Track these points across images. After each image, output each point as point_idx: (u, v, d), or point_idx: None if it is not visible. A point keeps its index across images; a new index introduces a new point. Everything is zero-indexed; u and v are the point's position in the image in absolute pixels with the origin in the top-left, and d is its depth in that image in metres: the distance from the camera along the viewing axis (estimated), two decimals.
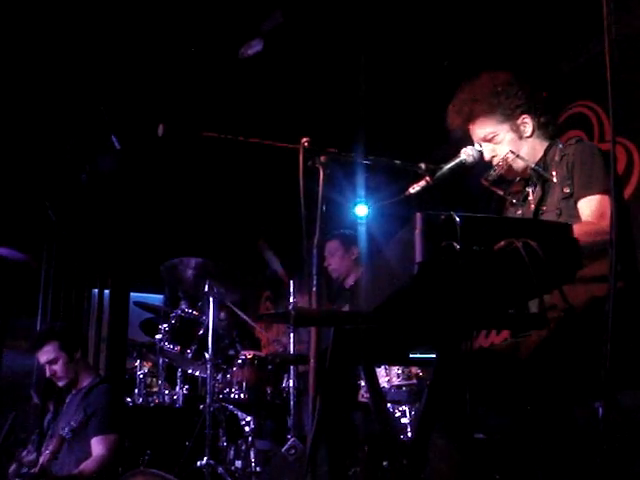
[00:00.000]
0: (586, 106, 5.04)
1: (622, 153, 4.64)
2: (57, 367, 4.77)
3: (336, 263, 5.34)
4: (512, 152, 2.93)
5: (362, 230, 3.15)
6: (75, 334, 5.02)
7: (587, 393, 2.42)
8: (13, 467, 4.76)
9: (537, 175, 2.92)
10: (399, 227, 1.92)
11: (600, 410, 1.73)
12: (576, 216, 2.69)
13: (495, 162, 2.95)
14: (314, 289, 2.54)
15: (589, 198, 2.68)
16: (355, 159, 2.87)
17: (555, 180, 2.83)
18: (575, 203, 2.72)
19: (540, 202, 2.89)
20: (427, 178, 2.86)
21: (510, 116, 2.95)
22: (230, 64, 5.54)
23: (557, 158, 2.87)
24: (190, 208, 7.50)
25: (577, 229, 1.99)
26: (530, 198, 2.95)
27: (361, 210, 3.06)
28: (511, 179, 3.04)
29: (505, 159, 2.93)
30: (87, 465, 4.36)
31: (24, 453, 4.81)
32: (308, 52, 5.46)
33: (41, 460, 4.11)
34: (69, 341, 4.81)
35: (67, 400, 4.90)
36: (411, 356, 2.71)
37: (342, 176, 2.88)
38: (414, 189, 2.86)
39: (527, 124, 2.97)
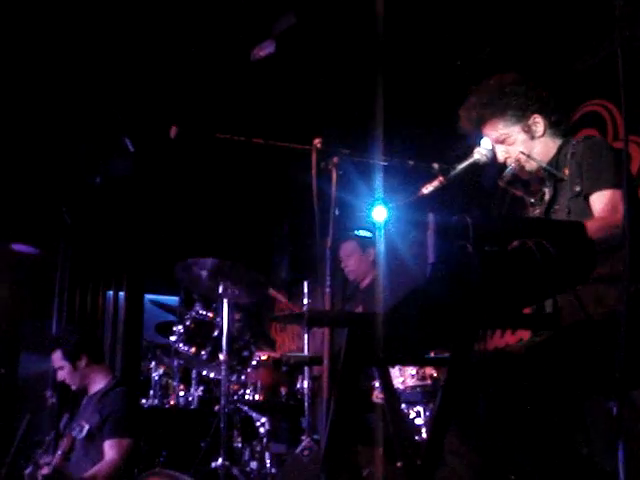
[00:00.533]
0: (600, 105, 5.01)
1: (636, 151, 4.60)
2: (63, 374, 4.80)
3: (353, 265, 5.34)
4: (523, 153, 2.92)
5: (379, 231, 3.14)
6: (79, 342, 4.89)
7: (601, 393, 2.42)
8: (30, 469, 4.78)
9: (549, 174, 2.92)
10: (415, 228, 1.92)
11: (614, 409, 1.73)
12: (587, 214, 2.67)
13: (509, 163, 2.96)
14: (328, 290, 2.54)
15: (599, 193, 2.66)
16: (368, 159, 2.87)
17: (566, 178, 2.82)
18: (586, 200, 2.71)
19: (552, 201, 2.88)
20: (440, 178, 2.85)
21: (521, 117, 2.95)
22: (244, 66, 5.55)
23: (569, 156, 2.87)
24: (204, 209, 7.52)
25: (588, 225, 1.98)
26: (546, 198, 2.94)
27: (379, 212, 3.06)
28: (526, 179, 3.03)
29: (517, 160, 2.93)
30: (98, 470, 4.37)
31: (40, 455, 4.83)
32: (321, 53, 5.46)
33: (53, 462, 4.13)
34: (71, 350, 4.79)
35: (83, 402, 4.91)
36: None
37: (359, 177, 2.88)
38: (427, 189, 2.86)
39: (538, 124, 2.96)
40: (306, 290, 4.83)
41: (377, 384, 4.22)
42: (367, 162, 2.88)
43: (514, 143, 2.96)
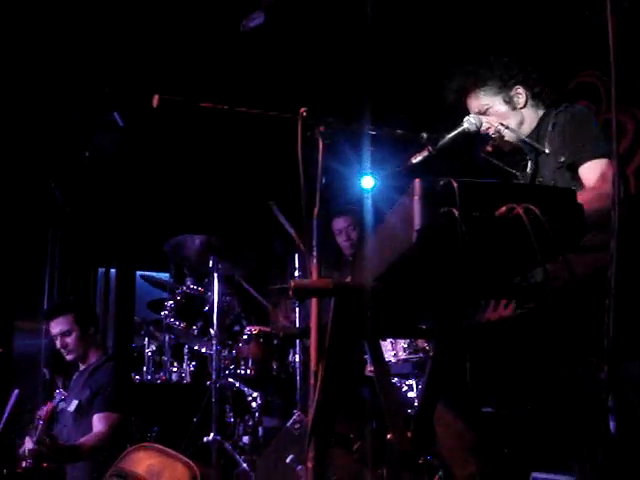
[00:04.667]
0: (594, 75, 4.97)
1: (630, 121, 4.57)
2: (69, 340, 4.75)
3: (356, 237, 5.30)
4: (502, 124, 2.91)
5: (367, 202, 3.11)
6: (90, 310, 5.02)
7: (592, 364, 2.39)
8: (24, 448, 4.76)
9: (529, 147, 2.90)
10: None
11: (604, 381, 1.70)
12: (573, 185, 2.64)
13: (490, 134, 2.95)
14: (314, 261, 2.50)
15: (589, 164, 2.65)
16: (355, 129, 2.82)
17: (548, 151, 2.80)
18: (569, 170, 2.69)
19: (535, 174, 2.87)
20: (429, 148, 2.81)
21: (502, 87, 2.95)
22: (234, 36, 5.48)
23: (550, 127, 2.85)
24: (194, 184, 7.46)
25: (581, 197, 1.94)
26: (528, 170, 2.93)
27: (367, 182, 3.03)
28: (508, 151, 3.02)
29: (497, 131, 2.93)
30: (85, 440, 4.36)
31: (32, 432, 4.80)
32: (311, 22, 5.40)
33: (36, 435, 4.12)
34: (84, 315, 4.82)
35: (74, 377, 4.90)
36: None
37: (348, 147, 2.84)
38: (416, 159, 2.82)
39: (520, 95, 2.96)
40: (297, 264, 4.81)
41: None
42: (354, 131, 2.83)
43: (495, 114, 2.95)
